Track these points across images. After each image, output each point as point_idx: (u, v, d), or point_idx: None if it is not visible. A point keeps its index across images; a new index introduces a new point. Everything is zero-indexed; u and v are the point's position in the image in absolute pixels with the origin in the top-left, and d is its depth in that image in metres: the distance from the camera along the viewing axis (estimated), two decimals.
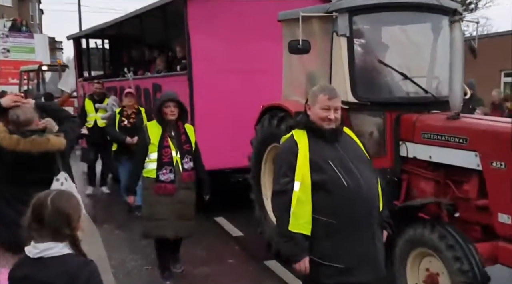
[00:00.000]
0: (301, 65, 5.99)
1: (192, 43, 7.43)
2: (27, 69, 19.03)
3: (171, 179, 5.20)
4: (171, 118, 5.24)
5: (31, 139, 3.93)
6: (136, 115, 8.03)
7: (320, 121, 3.46)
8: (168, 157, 5.21)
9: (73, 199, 2.48)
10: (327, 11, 5.47)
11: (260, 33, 7.72)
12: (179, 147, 5.28)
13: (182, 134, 5.35)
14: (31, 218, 2.37)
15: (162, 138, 5.23)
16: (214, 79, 7.56)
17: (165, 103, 5.20)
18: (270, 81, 7.71)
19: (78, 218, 2.42)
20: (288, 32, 6.17)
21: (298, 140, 3.43)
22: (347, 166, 3.38)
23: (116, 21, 9.81)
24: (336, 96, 3.50)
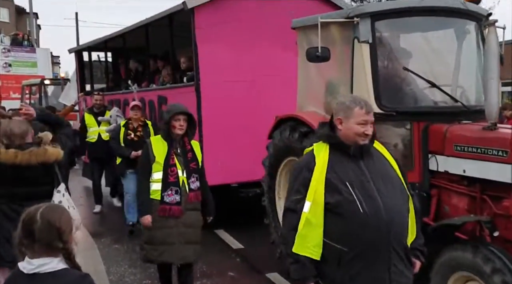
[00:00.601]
0: (319, 73, 5.47)
1: (200, 52, 6.91)
2: (29, 83, 18.45)
3: (177, 201, 4.62)
4: (179, 133, 4.67)
5: (29, 151, 3.83)
6: (142, 128, 7.47)
7: (355, 137, 2.96)
8: (174, 177, 4.63)
9: (63, 212, 2.39)
10: (348, 16, 4.96)
11: (269, 41, 7.23)
12: (186, 165, 4.69)
13: (189, 152, 4.76)
14: (22, 234, 2.28)
15: (167, 156, 4.65)
16: (222, 89, 7.04)
17: (175, 116, 4.65)
18: (280, 91, 7.25)
19: (70, 231, 2.33)
20: (304, 39, 5.66)
21: (317, 154, 2.98)
22: (368, 189, 2.87)
23: (120, 32, 9.28)
24: (371, 109, 3.02)
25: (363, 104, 2.98)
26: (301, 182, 2.94)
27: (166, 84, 8.34)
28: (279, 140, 5.65)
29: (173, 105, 4.78)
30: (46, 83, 17.41)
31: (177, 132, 4.66)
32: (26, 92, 18.42)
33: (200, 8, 6.87)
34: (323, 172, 2.89)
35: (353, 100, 3.03)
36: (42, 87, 17.25)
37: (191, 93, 7.09)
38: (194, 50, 6.93)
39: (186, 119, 4.70)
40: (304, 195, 2.89)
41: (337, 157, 2.94)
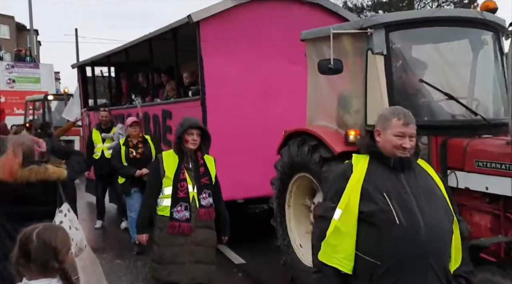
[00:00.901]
0: (330, 86, 5.19)
1: (205, 66, 6.65)
2: (33, 98, 18.18)
3: (187, 218, 4.30)
4: (191, 147, 4.38)
5: (29, 168, 3.67)
6: (143, 144, 7.18)
7: (393, 150, 2.73)
8: (184, 192, 4.31)
9: (60, 232, 2.36)
10: (361, 27, 4.70)
11: (276, 54, 6.97)
12: (197, 180, 4.39)
13: (201, 166, 4.45)
14: (18, 254, 2.26)
15: (178, 170, 4.35)
16: (228, 103, 6.76)
17: (188, 130, 4.36)
18: (288, 104, 6.98)
19: (66, 251, 2.29)
20: (313, 51, 5.39)
21: (355, 164, 2.78)
22: (406, 202, 2.62)
23: (123, 47, 9.04)
24: (412, 121, 2.75)
25: (401, 115, 2.74)
26: (335, 191, 2.75)
27: (171, 99, 8.07)
28: (288, 156, 5.37)
29: (186, 119, 4.47)
30: (50, 98, 17.15)
31: (189, 147, 4.37)
32: (30, 108, 18.14)
33: (206, 22, 6.61)
34: (359, 181, 2.69)
35: (392, 111, 2.82)
36: (45, 103, 17.00)
37: (196, 107, 6.81)
38: (200, 64, 6.67)
39: (200, 133, 4.42)
40: (337, 203, 2.69)
41: (376, 168, 2.74)
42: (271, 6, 6.97)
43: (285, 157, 5.43)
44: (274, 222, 5.84)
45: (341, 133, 4.98)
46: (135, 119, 7.37)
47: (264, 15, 6.96)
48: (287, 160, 5.39)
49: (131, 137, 7.17)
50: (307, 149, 5.02)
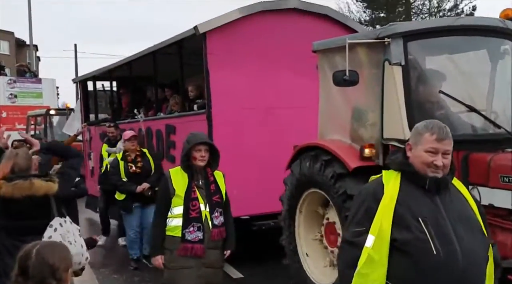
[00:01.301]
0: (344, 99, 4.89)
1: (212, 79, 6.34)
2: (35, 114, 17.82)
3: (200, 238, 3.96)
4: (200, 164, 4.07)
5: (13, 184, 3.52)
6: (142, 158, 6.86)
7: (424, 167, 2.43)
8: (196, 212, 3.98)
9: (60, 249, 2.30)
10: (378, 37, 4.41)
11: (283, 67, 6.68)
12: (208, 198, 4.07)
13: (212, 183, 4.13)
14: (17, 271, 2.20)
15: (188, 189, 4.02)
16: (235, 117, 6.45)
17: (196, 146, 4.04)
18: (295, 118, 6.68)
19: (64, 268, 2.21)
20: (326, 63, 5.10)
21: (386, 183, 2.47)
22: (443, 229, 2.34)
23: (125, 60, 8.73)
24: (447, 137, 2.45)
25: (435, 129, 2.44)
26: (364, 213, 2.45)
27: (174, 113, 7.76)
28: (299, 171, 5.03)
29: (193, 135, 4.15)
30: (52, 113, 16.78)
31: (198, 164, 4.04)
32: (32, 123, 17.78)
33: (213, 33, 6.32)
34: (391, 203, 2.39)
35: (426, 124, 2.51)
36: (47, 118, 16.64)
37: (202, 121, 6.49)
38: (206, 77, 6.36)
39: (208, 149, 4.10)
40: (367, 228, 2.39)
41: (409, 189, 2.44)
42: (278, 18, 6.69)
43: (295, 172, 5.10)
44: (283, 240, 5.49)
45: (355, 147, 4.67)
46: (133, 133, 7.06)
47: (271, 27, 6.68)
48: (298, 176, 5.06)
49: (129, 151, 6.85)
50: (319, 164, 4.70)
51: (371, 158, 4.48)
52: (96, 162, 8.44)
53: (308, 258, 5.26)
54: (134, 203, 6.75)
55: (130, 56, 8.50)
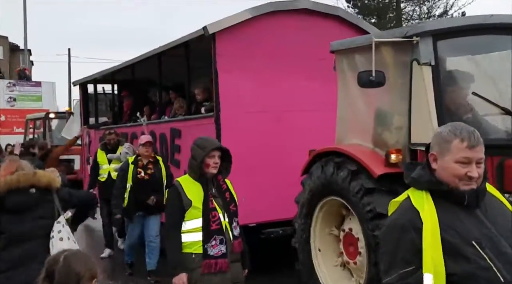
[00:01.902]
0: (366, 101, 4.48)
1: (221, 81, 5.91)
2: (34, 117, 17.22)
3: (223, 252, 3.51)
4: (213, 172, 3.61)
5: (16, 173, 3.38)
6: (153, 166, 6.37)
7: (455, 180, 1.98)
8: (216, 223, 3.52)
9: (87, 258, 2.27)
10: (405, 35, 4.01)
11: (294, 69, 6.26)
12: (226, 208, 3.62)
13: (226, 192, 3.69)
14: (44, 275, 2.19)
15: (206, 199, 3.57)
16: (244, 121, 6.01)
17: (210, 152, 3.60)
18: (307, 122, 6.26)
19: (90, 277, 2.18)
20: (345, 63, 4.69)
21: (419, 207, 1.98)
22: (500, 247, 1.91)
23: (128, 63, 8.27)
24: (479, 142, 1.99)
25: (465, 134, 1.98)
26: (408, 248, 1.95)
27: (179, 116, 7.32)
28: (319, 177, 4.61)
29: (205, 139, 3.69)
30: (51, 116, 16.22)
31: (211, 171, 3.59)
32: (30, 126, 17.21)
33: (222, 34, 5.89)
34: (436, 231, 1.92)
35: (452, 129, 2.04)
36: (46, 121, 16.09)
37: (209, 125, 6.05)
38: (215, 79, 5.93)
39: (220, 155, 3.66)
40: (417, 266, 1.90)
41: (446, 208, 1.97)
42: (289, 18, 6.27)
43: (315, 177, 4.66)
44: (295, 243, 5.04)
45: (379, 153, 4.26)
46: (149, 138, 6.55)
47: (282, 28, 6.26)
48: (318, 181, 4.62)
49: (142, 156, 6.38)
50: (345, 174, 4.27)
51: (397, 164, 4.07)
52: (91, 168, 7.93)
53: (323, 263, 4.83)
54: (137, 212, 6.29)
55: (133, 58, 8.04)
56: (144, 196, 6.23)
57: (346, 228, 4.56)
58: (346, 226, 4.57)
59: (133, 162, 6.39)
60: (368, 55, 4.02)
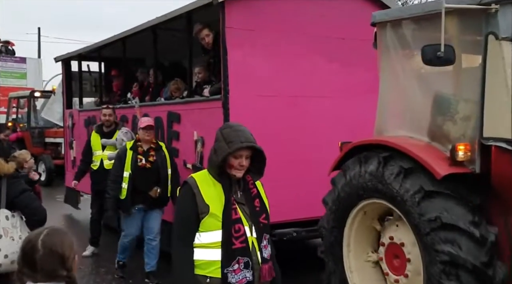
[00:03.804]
0: (420, 84, 3.51)
1: (230, 58, 4.87)
2: (17, 95, 15.77)
3: (249, 280, 2.49)
4: (237, 175, 2.55)
5: None
6: (156, 152, 5.33)
7: None
8: (241, 240, 2.48)
9: (66, 236, 2.01)
10: (480, 2, 3.03)
11: (312, 48, 5.26)
12: (254, 219, 2.56)
13: (256, 198, 2.62)
14: (22, 263, 1.94)
15: (228, 206, 2.52)
16: (255, 106, 4.99)
17: (237, 151, 2.53)
18: (328, 109, 5.31)
19: (73, 257, 1.97)
20: (391, 38, 3.67)
21: None
22: None
23: (118, 37, 7.11)
24: None
25: None
26: None
27: (176, 99, 6.26)
28: (357, 174, 3.63)
29: (235, 130, 2.55)
30: (36, 95, 14.84)
31: (234, 173, 2.55)
32: (13, 106, 15.80)
33: (233, 3, 4.82)
34: None
35: None
36: (31, 100, 14.75)
37: (216, 109, 5.03)
38: (223, 55, 4.88)
39: (249, 155, 2.58)
40: None
41: None
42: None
43: (350, 174, 3.69)
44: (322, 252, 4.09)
45: (438, 148, 3.31)
46: (151, 121, 5.46)
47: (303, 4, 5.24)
48: (357, 180, 3.65)
49: (142, 142, 5.32)
50: (396, 171, 3.30)
51: (462, 163, 3.13)
52: (82, 153, 6.73)
53: (358, 279, 3.91)
54: (136, 205, 5.26)
55: (124, 31, 6.89)
56: (145, 187, 5.22)
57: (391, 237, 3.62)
58: (390, 235, 3.63)
59: (131, 147, 5.33)
60: (429, 27, 3.05)
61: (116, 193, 5.26)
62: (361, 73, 5.38)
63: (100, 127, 6.56)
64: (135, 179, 5.22)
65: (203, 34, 5.27)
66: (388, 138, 3.57)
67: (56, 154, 13.04)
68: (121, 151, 5.42)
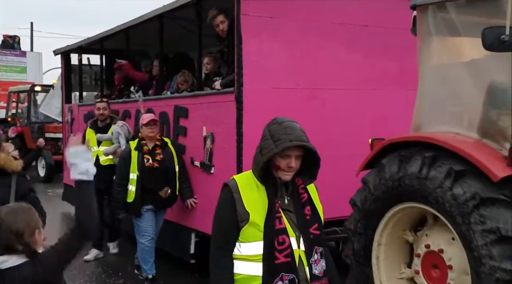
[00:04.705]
0: (470, 74, 3.02)
1: (245, 48, 4.36)
2: (17, 90, 15.20)
3: None
4: (285, 178, 2.12)
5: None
6: (162, 150, 4.86)
7: None
8: (285, 254, 2.05)
9: (23, 213, 2.15)
10: None
11: (332, 36, 4.77)
12: (302, 229, 2.13)
13: (306, 205, 2.18)
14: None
15: (271, 213, 2.09)
16: (271, 100, 4.49)
17: (285, 151, 2.08)
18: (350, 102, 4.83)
19: (30, 232, 2.11)
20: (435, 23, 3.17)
21: None
22: None
23: (121, 28, 6.60)
24: None
25: None
26: None
27: (183, 93, 5.77)
28: (396, 174, 3.13)
29: (284, 126, 2.10)
30: (37, 89, 14.26)
31: (280, 176, 2.11)
32: (13, 100, 15.24)
33: None
34: None
35: None
36: (31, 95, 14.18)
37: (228, 103, 4.54)
38: (237, 44, 4.38)
39: (300, 155, 2.13)
40: None
41: None
42: None
43: (386, 174, 3.20)
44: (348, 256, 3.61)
45: (491, 146, 2.84)
46: (153, 116, 5.00)
47: None
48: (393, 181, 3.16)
49: (147, 139, 4.85)
50: (445, 172, 2.81)
51: None
52: None
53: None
54: (145, 206, 4.81)
55: (128, 21, 6.38)
56: (155, 187, 4.80)
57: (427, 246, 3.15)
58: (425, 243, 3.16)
59: (136, 147, 4.87)
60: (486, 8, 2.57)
61: (123, 196, 4.81)
62: (385, 63, 4.91)
63: (95, 122, 6.08)
64: (143, 180, 4.78)
65: (218, 21, 4.76)
66: (432, 134, 3.08)
67: (56, 150, 12.53)
68: (125, 153, 4.98)
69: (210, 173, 4.83)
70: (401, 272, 3.41)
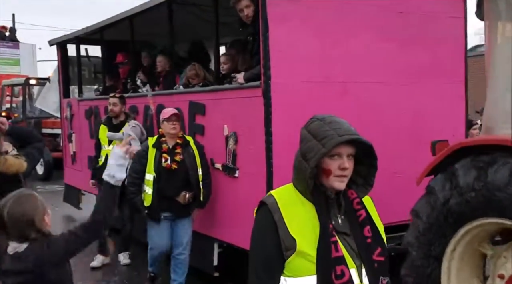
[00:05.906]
0: None
1: (272, 37, 3.82)
2: (11, 83, 14.50)
3: None
4: (337, 187, 1.63)
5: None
6: (183, 150, 4.33)
7: None
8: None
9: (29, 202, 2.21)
10: None
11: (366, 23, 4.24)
12: (365, 258, 1.64)
13: (365, 225, 1.69)
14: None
15: (324, 239, 1.59)
16: (304, 94, 3.99)
17: (335, 148, 1.59)
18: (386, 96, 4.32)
19: (41, 217, 2.19)
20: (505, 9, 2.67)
21: None
22: None
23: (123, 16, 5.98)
24: None
25: None
26: None
27: (195, 87, 5.22)
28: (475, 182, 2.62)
29: (329, 122, 1.64)
30: (32, 83, 13.58)
31: (332, 184, 1.64)
32: (7, 94, 14.56)
33: None
34: None
35: None
36: (26, 88, 13.50)
37: (253, 99, 4.01)
38: (263, 32, 3.83)
39: (353, 155, 1.66)
40: None
41: None
42: None
43: (461, 182, 2.69)
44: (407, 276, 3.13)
45: None
46: (175, 110, 4.44)
47: None
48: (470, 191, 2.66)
49: (167, 136, 4.32)
50: None
51: None
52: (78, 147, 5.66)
53: None
54: (161, 213, 4.30)
55: (132, 8, 5.79)
56: (172, 192, 4.28)
57: None
58: None
59: (154, 144, 4.34)
60: None
61: (140, 200, 4.30)
62: (422, 54, 4.40)
63: (109, 119, 5.53)
64: (159, 183, 4.26)
65: (243, 5, 4.18)
66: (496, 136, 2.57)
67: (54, 146, 11.91)
68: (142, 149, 4.43)
69: (234, 177, 4.31)
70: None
